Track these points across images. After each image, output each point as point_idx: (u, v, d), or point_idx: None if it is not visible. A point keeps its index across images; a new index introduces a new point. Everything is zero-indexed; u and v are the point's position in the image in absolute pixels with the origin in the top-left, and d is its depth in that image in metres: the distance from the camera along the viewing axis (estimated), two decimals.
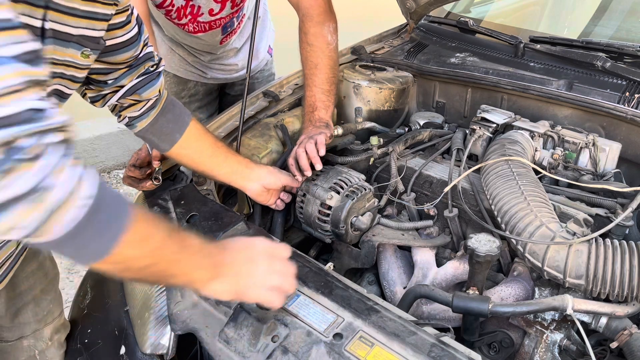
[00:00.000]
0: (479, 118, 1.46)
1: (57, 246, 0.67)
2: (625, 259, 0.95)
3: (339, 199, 1.20)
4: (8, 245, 0.99)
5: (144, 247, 0.76)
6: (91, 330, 1.26)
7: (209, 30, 1.76)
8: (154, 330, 1.07)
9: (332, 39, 1.49)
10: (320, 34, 1.47)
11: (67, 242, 0.66)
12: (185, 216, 1.27)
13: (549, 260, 1.00)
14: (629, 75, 1.45)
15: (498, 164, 1.22)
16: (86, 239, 0.68)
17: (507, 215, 1.09)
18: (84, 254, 0.70)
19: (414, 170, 1.36)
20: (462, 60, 1.72)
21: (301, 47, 1.50)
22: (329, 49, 1.48)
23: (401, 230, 1.27)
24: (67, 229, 0.64)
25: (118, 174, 3.69)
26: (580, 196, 1.21)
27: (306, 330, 0.92)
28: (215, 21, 1.74)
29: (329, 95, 1.46)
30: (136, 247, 0.74)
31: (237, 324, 0.96)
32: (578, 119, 1.46)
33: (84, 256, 0.71)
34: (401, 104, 1.72)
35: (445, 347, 0.87)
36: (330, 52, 1.48)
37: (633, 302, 0.98)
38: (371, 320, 0.93)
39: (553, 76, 1.55)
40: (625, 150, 1.35)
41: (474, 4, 2.28)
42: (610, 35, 1.95)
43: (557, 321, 1.04)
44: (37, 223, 0.61)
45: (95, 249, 0.70)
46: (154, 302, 1.10)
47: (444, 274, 1.20)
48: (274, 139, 1.47)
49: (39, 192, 0.60)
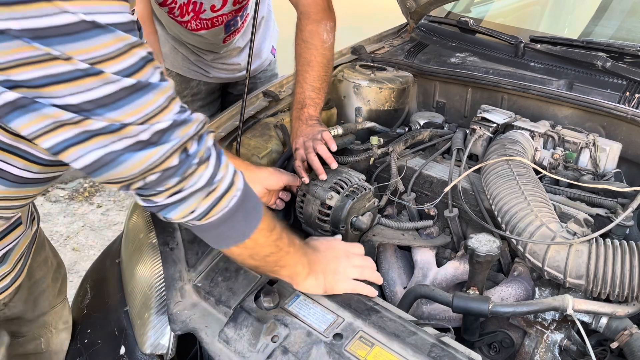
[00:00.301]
0: (479, 118, 1.46)
1: (210, 229, 0.80)
2: (625, 259, 0.95)
3: (339, 199, 1.20)
4: (26, 234, 1.01)
5: (269, 237, 0.89)
6: (91, 330, 1.26)
7: (212, 28, 1.76)
8: (153, 330, 1.07)
9: (327, 37, 1.48)
10: (316, 32, 1.46)
11: (220, 225, 0.80)
12: None
13: (549, 260, 1.00)
14: (630, 75, 1.45)
15: (498, 164, 1.22)
16: (234, 224, 0.82)
17: (508, 215, 1.09)
18: (230, 236, 0.83)
19: (414, 170, 1.36)
20: (463, 60, 1.72)
21: (296, 43, 1.50)
22: (323, 47, 1.47)
23: (401, 230, 1.27)
24: (224, 215, 0.79)
25: None
26: (581, 196, 1.21)
27: (306, 330, 0.92)
28: (218, 18, 1.73)
29: (319, 93, 1.45)
30: (266, 235, 0.88)
31: (237, 324, 0.96)
32: (578, 118, 1.46)
33: (229, 238, 0.84)
34: (401, 104, 1.71)
35: (446, 348, 0.87)
36: (324, 50, 1.47)
37: (633, 302, 0.97)
38: (371, 320, 0.93)
39: (553, 76, 1.55)
40: (625, 150, 1.35)
41: (474, 3, 2.27)
42: (611, 35, 1.94)
43: (557, 321, 1.04)
44: (206, 209, 0.76)
45: (240, 232, 0.84)
46: (154, 302, 1.10)
47: (444, 274, 1.20)
48: (274, 139, 1.47)
49: (213, 185, 0.76)
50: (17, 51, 0.57)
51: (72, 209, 3.30)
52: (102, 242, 2.98)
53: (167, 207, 0.75)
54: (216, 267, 1.11)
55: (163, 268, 1.14)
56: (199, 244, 1.18)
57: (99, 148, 0.65)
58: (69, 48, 0.58)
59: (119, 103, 0.63)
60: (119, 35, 0.62)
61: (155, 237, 1.23)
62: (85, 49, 0.59)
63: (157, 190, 0.72)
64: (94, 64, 0.60)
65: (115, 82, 0.62)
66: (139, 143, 0.66)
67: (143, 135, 0.66)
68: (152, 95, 0.66)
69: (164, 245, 1.20)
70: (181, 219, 0.77)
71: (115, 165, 0.66)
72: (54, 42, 0.57)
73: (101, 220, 3.22)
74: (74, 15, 0.57)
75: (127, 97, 0.64)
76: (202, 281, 1.09)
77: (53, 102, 0.61)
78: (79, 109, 0.62)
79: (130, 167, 0.67)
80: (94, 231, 3.11)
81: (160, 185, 0.72)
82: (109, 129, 0.64)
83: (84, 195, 3.45)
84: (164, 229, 1.24)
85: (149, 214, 1.31)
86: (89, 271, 1.47)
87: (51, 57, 0.58)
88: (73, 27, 0.58)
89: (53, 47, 0.57)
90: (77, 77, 0.60)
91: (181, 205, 0.75)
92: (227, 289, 1.05)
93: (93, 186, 3.55)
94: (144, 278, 1.16)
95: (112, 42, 0.61)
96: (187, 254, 1.16)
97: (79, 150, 0.65)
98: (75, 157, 0.66)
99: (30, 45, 0.57)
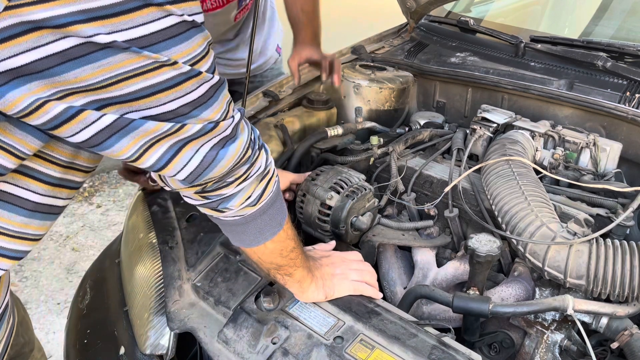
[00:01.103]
0: (479, 118, 1.46)
1: (257, 216, 0.82)
2: (626, 259, 0.94)
3: (339, 199, 1.20)
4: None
5: (291, 230, 0.91)
6: (90, 330, 1.26)
7: (226, 5, 1.74)
8: (153, 330, 1.07)
9: None
10: None
11: (267, 210, 0.83)
12: (184, 215, 1.27)
13: (550, 261, 1.00)
14: (630, 75, 1.45)
15: (499, 164, 1.22)
16: (277, 209, 0.85)
17: (508, 215, 1.09)
18: (271, 225, 0.85)
19: (414, 170, 1.36)
20: (463, 60, 1.71)
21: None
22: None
23: (401, 231, 1.27)
24: (271, 198, 0.83)
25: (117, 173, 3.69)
26: (581, 196, 1.21)
27: (307, 332, 0.92)
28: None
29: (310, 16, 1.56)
30: (290, 226, 0.91)
31: (237, 325, 0.96)
32: (579, 118, 1.46)
33: (270, 227, 0.86)
34: (401, 104, 1.71)
35: (446, 349, 0.87)
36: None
37: (634, 303, 0.97)
38: (372, 323, 0.93)
39: (554, 76, 1.54)
40: (626, 150, 1.35)
41: (475, 3, 2.27)
42: (611, 35, 1.94)
43: (557, 321, 1.03)
44: (260, 192, 0.80)
45: (278, 220, 0.86)
46: (154, 302, 1.10)
47: (445, 274, 1.20)
48: (274, 139, 1.47)
49: (267, 168, 0.80)
50: (126, 64, 0.54)
51: (71, 209, 3.29)
52: (102, 242, 2.98)
53: (229, 197, 0.76)
54: (216, 268, 1.10)
55: (162, 266, 1.14)
56: (198, 243, 1.18)
57: (197, 152, 0.66)
58: (173, 52, 0.57)
59: (210, 101, 0.64)
60: (206, 33, 0.62)
61: (155, 237, 1.23)
62: (186, 51, 0.59)
63: (227, 182, 0.74)
64: (193, 65, 0.60)
65: (208, 80, 0.63)
66: (226, 138, 0.69)
67: (228, 130, 0.68)
68: (225, 91, 0.68)
69: (163, 244, 1.20)
70: (239, 206, 0.78)
71: (215, 164, 0.68)
72: (160, 47, 0.56)
73: (101, 221, 3.21)
74: (178, 17, 0.56)
75: (214, 94, 0.65)
76: (201, 281, 1.09)
77: (147, 113, 0.59)
78: (176, 115, 0.61)
79: (226, 162, 0.69)
80: (94, 231, 3.11)
81: (231, 176, 0.73)
82: (205, 130, 0.64)
83: (83, 195, 3.45)
84: (164, 228, 1.24)
85: (149, 214, 1.31)
86: (89, 271, 1.47)
87: (159, 65, 0.56)
88: (176, 29, 0.57)
89: (160, 53, 0.56)
90: (180, 82, 0.59)
91: (241, 192, 0.77)
92: (226, 290, 1.05)
93: (92, 186, 3.55)
94: (144, 278, 1.16)
95: (202, 41, 0.61)
96: (186, 253, 1.16)
97: (181, 160, 0.65)
98: (179, 167, 0.66)
99: (140, 55, 0.54)
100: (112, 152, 0.62)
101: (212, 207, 0.78)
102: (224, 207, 0.78)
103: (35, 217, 0.76)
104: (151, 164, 0.64)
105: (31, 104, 0.54)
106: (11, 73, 0.51)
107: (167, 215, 1.29)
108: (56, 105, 0.55)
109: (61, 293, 2.63)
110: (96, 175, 3.65)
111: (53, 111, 0.55)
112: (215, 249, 1.15)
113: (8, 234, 0.74)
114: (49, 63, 0.51)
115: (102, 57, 0.52)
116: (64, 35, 0.50)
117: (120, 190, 3.55)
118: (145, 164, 0.64)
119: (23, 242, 0.77)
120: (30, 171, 0.71)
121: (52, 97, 0.54)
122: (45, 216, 0.78)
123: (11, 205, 0.72)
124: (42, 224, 0.78)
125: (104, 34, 0.51)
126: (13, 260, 0.78)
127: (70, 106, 0.55)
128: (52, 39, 0.50)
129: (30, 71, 0.51)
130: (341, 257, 1.08)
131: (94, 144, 0.60)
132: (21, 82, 0.52)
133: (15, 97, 0.53)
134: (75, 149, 0.74)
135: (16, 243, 0.76)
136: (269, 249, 0.89)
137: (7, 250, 0.76)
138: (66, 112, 0.56)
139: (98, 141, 0.60)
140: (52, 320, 2.46)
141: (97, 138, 0.59)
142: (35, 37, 0.49)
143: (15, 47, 0.50)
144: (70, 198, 0.81)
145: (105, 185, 3.59)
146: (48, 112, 0.55)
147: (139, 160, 0.64)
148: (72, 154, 0.75)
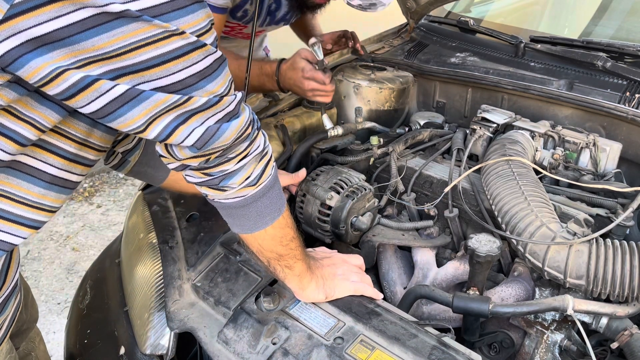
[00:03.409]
0: (479, 118, 1.46)
1: (257, 198, 0.84)
2: (625, 259, 0.94)
3: (339, 199, 1.20)
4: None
5: (290, 220, 0.93)
6: (91, 330, 1.26)
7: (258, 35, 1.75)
8: (153, 330, 1.07)
9: None
10: None
11: (267, 193, 0.85)
12: (185, 215, 1.27)
13: (550, 261, 1.00)
14: (630, 75, 1.45)
15: (498, 164, 1.22)
16: (275, 193, 0.87)
17: (508, 215, 1.09)
18: (271, 209, 0.87)
19: (414, 170, 1.36)
20: (463, 60, 1.71)
21: None
22: None
23: (401, 231, 1.27)
24: (270, 180, 0.85)
25: (117, 174, 3.69)
26: (581, 196, 1.21)
27: (307, 333, 0.92)
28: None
29: None
30: (289, 217, 0.93)
31: (237, 325, 0.96)
32: (578, 119, 1.46)
33: (271, 212, 0.87)
34: (401, 104, 1.71)
35: (446, 350, 0.87)
36: None
37: (634, 303, 0.97)
38: (372, 323, 0.93)
39: (554, 76, 1.54)
40: (625, 150, 1.35)
41: (475, 3, 2.27)
42: (611, 35, 1.94)
43: (557, 321, 1.03)
44: (259, 172, 0.82)
45: (278, 205, 0.88)
46: (154, 302, 1.10)
47: (444, 274, 1.20)
48: (274, 139, 1.47)
49: (265, 148, 0.83)
50: (138, 32, 0.58)
51: (71, 209, 3.30)
52: (102, 242, 2.98)
53: (231, 174, 0.79)
54: (216, 268, 1.10)
55: (162, 266, 1.14)
56: (199, 243, 1.18)
57: (202, 124, 0.69)
58: (181, 22, 0.61)
59: (214, 74, 0.68)
60: (208, 10, 0.66)
61: (155, 237, 1.23)
62: (192, 22, 0.63)
63: (228, 157, 0.77)
64: (199, 37, 0.64)
65: (212, 53, 0.67)
66: (230, 113, 0.72)
67: (231, 106, 0.72)
68: (227, 68, 0.71)
69: (163, 243, 1.20)
70: (240, 184, 0.81)
71: (219, 136, 0.71)
72: (169, 17, 0.60)
73: (101, 221, 3.21)
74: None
75: (218, 68, 0.69)
76: (201, 281, 1.09)
77: (156, 84, 0.63)
78: (183, 86, 0.65)
79: (230, 134, 0.73)
80: (94, 231, 3.11)
81: (232, 151, 0.77)
82: (210, 103, 0.68)
83: (83, 195, 3.45)
84: (164, 228, 1.24)
85: (149, 214, 1.31)
86: (89, 271, 1.47)
87: (169, 34, 0.60)
88: (183, 1, 0.61)
89: (170, 22, 0.60)
90: (187, 52, 0.63)
91: (242, 170, 0.80)
92: (226, 290, 1.05)
93: (93, 186, 3.55)
94: (144, 278, 1.16)
95: (206, 16, 0.65)
96: (186, 253, 1.16)
97: (186, 129, 0.68)
98: (184, 136, 0.69)
99: (151, 24, 0.58)
100: (121, 123, 0.65)
101: (214, 184, 0.81)
102: (225, 185, 0.81)
103: (52, 190, 0.81)
104: (157, 133, 0.68)
105: (51, 72, 0.58)
106: (36, 41, 0.55)
107: (167, 215, 1.29)
108: (74, 74, 0.58)
109: (61, 293, 2.63)
110: (96, 175, 3.65)
111: (70, 80, 0.59)
112: (215, 249, 1.15)
113: (27, 203, 0.80)
114: (69, 31, 0.55)
115: (117, 26, 0.57)
116: (83, 5, 0.55)
117: (121, 190, 3.55)
118: (151, 134, 0.68)
119: (41, 212, 0.83)
120: (49, 145, 0.77)
121: (72, 65, 0.58)
122: (61, 189, 0.83)
123: (31, 177, 0.78)
124: (57, 197, 0.83)
125: (119, 3, 0.56)
126: (31, 229, 0.83)
127: (87, 75, 0.59)
128: (72, 9, 0.55)
129: (52, 39, 0.55)
130: (342, 258, 1.09)
131: (105, 113, 0.64)
132: (45, 51, 0.56)
133: (38, 64, 0.57)
134: (89, 127, 0.79)
135: (35, 213, 0.82)
136: (270, 235, 0.90)
137: (27, 220, 0.82)
138: (82, 80, 0.59)
139: (109, 110, 0.63)
140: (52, 320, 2.46)
141: (108, 107, 0.63)
142: (58, 7, 0.54)
143: (41, 16, 0.54)
144: (84, 175, 0.86)
145: (105, 185, 3.59)
146: (66, 81, 0.59)
147: (145, 132, 0.67)
148: (87, 131, 0.80)
